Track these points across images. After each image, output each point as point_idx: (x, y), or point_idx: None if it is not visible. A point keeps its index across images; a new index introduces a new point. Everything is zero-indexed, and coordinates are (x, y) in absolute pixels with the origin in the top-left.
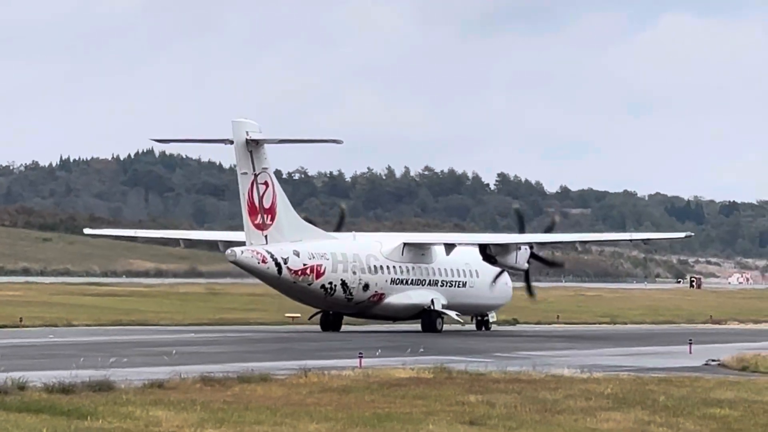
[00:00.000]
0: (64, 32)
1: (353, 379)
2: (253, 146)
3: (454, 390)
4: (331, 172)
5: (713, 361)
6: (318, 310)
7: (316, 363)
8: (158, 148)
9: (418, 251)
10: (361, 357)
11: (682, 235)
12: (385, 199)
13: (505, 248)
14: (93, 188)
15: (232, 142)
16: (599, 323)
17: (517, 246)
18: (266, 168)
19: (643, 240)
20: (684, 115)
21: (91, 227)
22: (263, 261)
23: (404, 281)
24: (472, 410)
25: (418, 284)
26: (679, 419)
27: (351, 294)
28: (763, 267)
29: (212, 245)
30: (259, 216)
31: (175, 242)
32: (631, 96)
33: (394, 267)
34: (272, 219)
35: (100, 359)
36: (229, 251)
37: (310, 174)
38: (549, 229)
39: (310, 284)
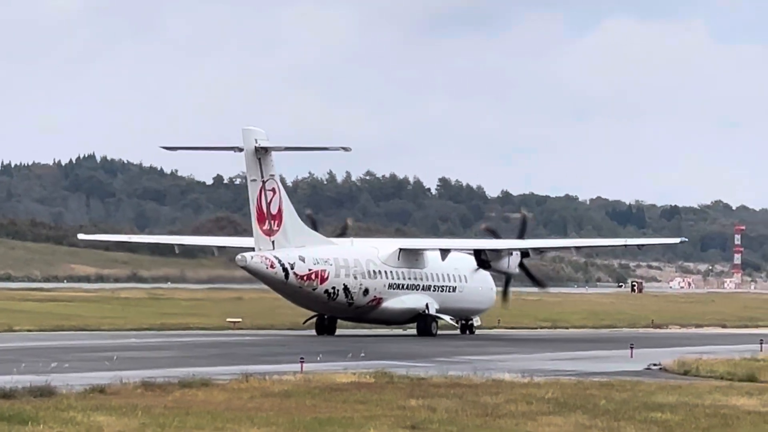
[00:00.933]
0: (4, 36)
1: (294, 384)
2: (261, 153)
3: (396, 394)
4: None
5: (654, 365)
6: (313, 314)
7: (258, 368)
8: (99, 153)
9: (413, 257)
10: (303, 362)
11: (677, 240)
12: (327, 204)
13: (499, 254)
14: (34, 193)
15: (241, 150)
16: (540, 328)
17: (509, 252)
18: (273, 175)
19: (637, 245)
20: (625, 119)
21: (33, 232)
22: (271, 266)
23: (400, 286)
24: (413, 415)
25: (413, 289)
26: (620, 423)
27: (352, 299)
28: (704, 271)
29: (204, 251)
30: (267, 222)
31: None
32: (572, 100)
33: (391, 272)
34: (279, 225)
35: (41, 364)
36: (239, 257)
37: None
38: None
39: (314, 289)
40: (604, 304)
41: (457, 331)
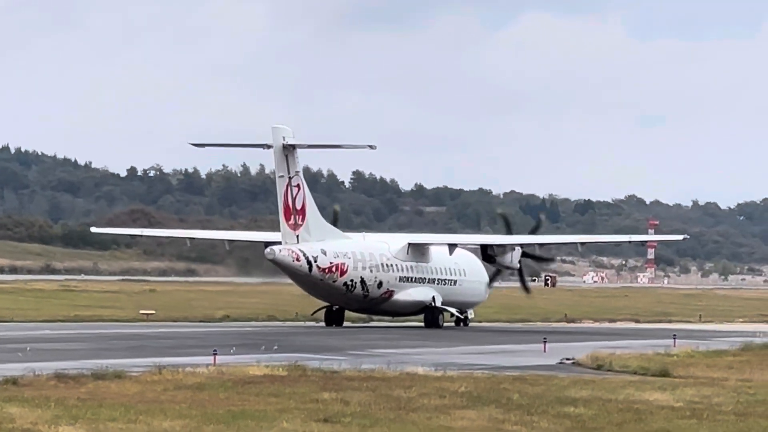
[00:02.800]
0: None
1: (208, 377)
2: (288, 151)
3: (308, 387)
4: (186, 170)
5: (568, 359)
6: (323, 305)
7: (171, 360)
8: (13, 144)
9: (420, 251)
10: (216, 354)
11: (679, 237)
12: (241, 196)
13: (505, 249)
14: None
15: (270, 147)
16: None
17: (512, 247)
18: (298, 171)
19: (641, 242)
20: (540, 114)
21: None
22: (297, 259)
23: (410, 279)
24: (326, 408)
25: (420, 282)
26: (534, 417)
27: (368, 291)
28: (618, 266)
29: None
30: (293, 217)
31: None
32: (487, 95)
33: (401, 266)
34: (303, 219)
35: None
36: (268, 250)
37: (165, 171)
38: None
39: (335, 281)
40: (518, 298)
41: (452, 323)
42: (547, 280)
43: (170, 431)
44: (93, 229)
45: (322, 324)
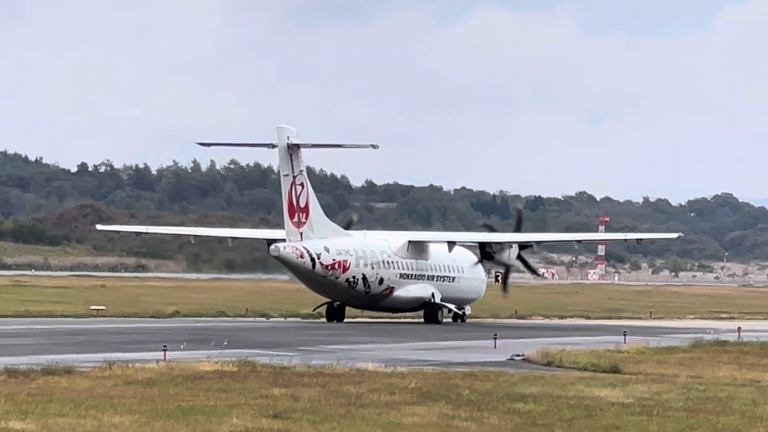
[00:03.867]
0: None
1: (157, 372)
2: (293, 150)
3: (258, 383)
4: (137, 165)
5: (518, 355)
6: (324, 301)
7: (121, 356)
8: None
9: (420, 249)
10: (166, 350)
11: (674, 235)
12: (191, 192)
13: (502, 246)
14: None
15: (275, 146)
16: (404, 318)
17: (510, 244)
18: (302, 170)
19: (637, 240)
20: (491, 110)
21: None
22: (301, 256)
23: (410, 276)
24: (276, 404)
25: (419, 279)
26: (484, 414)
27: (369, 287)
28: (568, 262)
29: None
30: (297, 215)
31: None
32: (439, 91)
33: (401, 263)
34: (306, 217)
35: None
36: (273, 247)
37: (116, 167)
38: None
39: (337, 278)
40: None
41: (449, 319)
42: (498, 276)
43: (120, 426)
44: (99, 227)
45: (323, 320)
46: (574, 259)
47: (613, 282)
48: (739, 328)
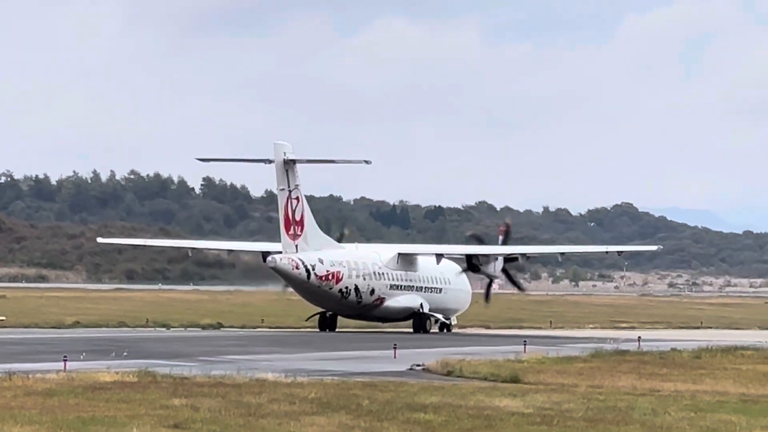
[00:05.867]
0: None
1: (58, 383)
2: (289, 165)
3: (159, 394)
4: (36, 176)
5: (418, 365)
6: (317, 311)
7: (21, 366)
8: None
9: (409, 260)
10: (66, 360)
11: (654, 248)
12: (91, 203)
13: (488, 258)
14: None
15: (272, 162)
16: (304, 327)
17: (495, 257)
18: (298, 185)
19: (618, 252)
20: (392, 120)
21: None
22: (296, 267)
23: (399, 287)
24: (176, 414)
25: (408, 290)
26: (384, 423)
27: (361, 298)
28: None
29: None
30: (292, 227)
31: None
32: (339, 100)
33: (391, 274)
34: (302, 230)
35: None
36: (270, 258)
37: (16, 177)
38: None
39: (330, 288)
40: None
41: (436, 329)
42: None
43: None
44: (99, 240)
45: (316, 329)
46: None
47: (513, 292)
48: (639, 337)
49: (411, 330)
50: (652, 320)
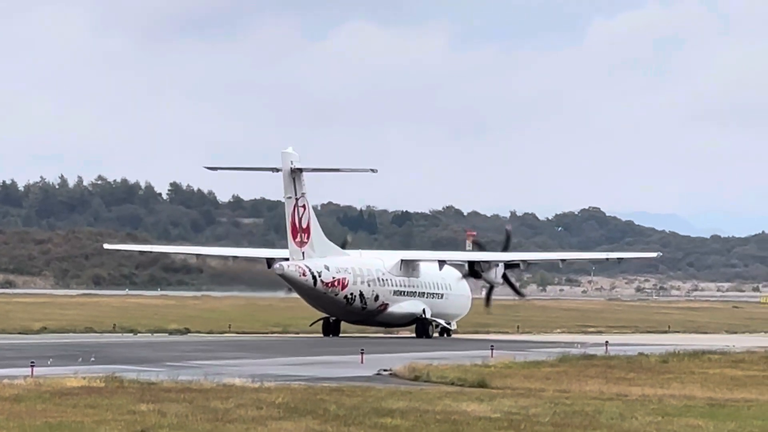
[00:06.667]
0: None
1: (25, 388)
2: (296, 174)
3: (126, 399)
4: (4, 181)
5: (385, 370)
6: (321, 317)
7: None
8: None
9: (411, 267)
10: (33, 366)
11: (654, 254)
12: (59, 208)
13: (490, 265)
14: None
15: (279, 170)
16: (271, 332)
17: (496, 263)
18: (304, 193)
19: (618, 259)
20: (358, 124)
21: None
22: (303, 274)
23: (402, 293)
24: (143, 419)
25: (411, 296)
26: (350, 429)
27: (365, 304)
28: None
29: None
30: (299, 235)
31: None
32: (306, 105)
33: (394, 280)
34: (308, 237)
35: None
36: (277, 265)
37: None
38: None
39: (336, 294)
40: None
41: (436, 334)
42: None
43: None
44: (105, 246)
45: (320, 335)
46: None
47: (480, 296)
48: (607, 342)
49: (413, 335)
50: (620, 325)
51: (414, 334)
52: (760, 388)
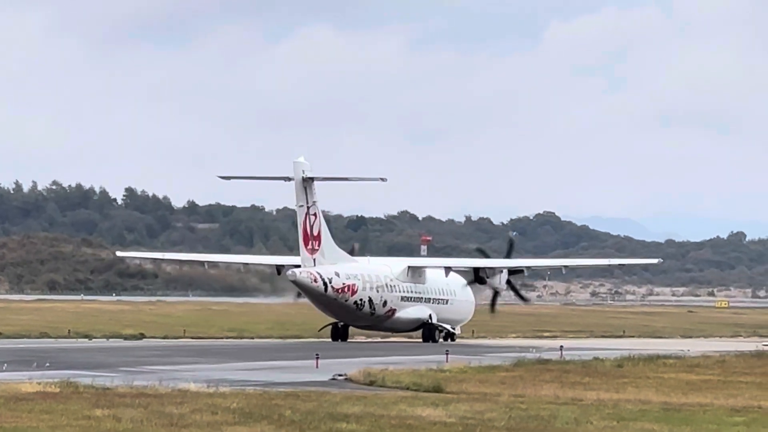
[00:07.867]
0: None
1: None
2: (307, 183)
3: (81, 404)
4: None
5: (340, 375)
6: (330, 322)
7: None
8: None
9: (418, 273)
10: None
11: (654, 261)
12: (13, 213)
13: (494, 271)
14: None
15: (291, 179)
16: (226, 337)
17: (501, 270)
18: (315, 201)
19: (618, 265)
20: (313, 128)
21: None
22: (315, 280)
23: (409, 299)
24: (99, 424)
25: (418, 301)
26: None
27: (374, 309)
28: None
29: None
30: (310, 242)
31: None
32: (262, 109)
33: (402, 286)
34: (319, 245)
35: None
36: (290, 272)
37: None
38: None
39: (346, 300)
40: (290, 315)
41: (441, 338)
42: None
43: None
44: (118, 253)
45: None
46: None
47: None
48: (562, 346)
49: (420, 339)
50: (575, 329)
51: (420, 339)
52: (714, 392)
